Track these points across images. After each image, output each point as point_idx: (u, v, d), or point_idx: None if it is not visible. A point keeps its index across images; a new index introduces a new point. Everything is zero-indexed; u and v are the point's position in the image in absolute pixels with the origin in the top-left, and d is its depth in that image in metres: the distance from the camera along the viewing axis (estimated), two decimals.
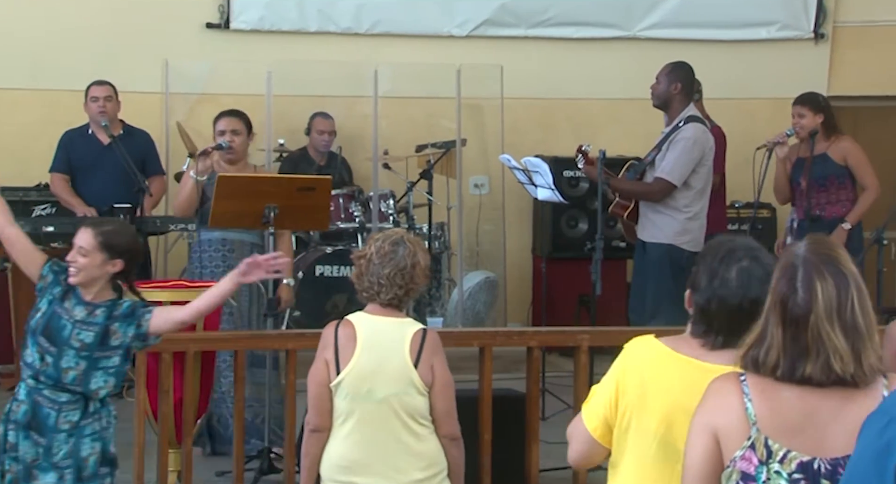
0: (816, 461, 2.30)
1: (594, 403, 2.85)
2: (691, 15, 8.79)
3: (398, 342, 3.72)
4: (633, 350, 2.84)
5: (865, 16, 9.01)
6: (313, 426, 3.74)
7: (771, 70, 8.91)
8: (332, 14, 8.55)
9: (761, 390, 2.34)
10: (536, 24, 8.72)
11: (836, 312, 2.33)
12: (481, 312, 8.00)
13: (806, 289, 2.34)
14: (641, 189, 6.45)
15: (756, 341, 2.38)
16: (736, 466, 2.31)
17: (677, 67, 6.49)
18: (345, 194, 7.69)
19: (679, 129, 6.36)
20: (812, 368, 2.31)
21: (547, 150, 8.12)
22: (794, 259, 2.39)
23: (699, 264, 2.86)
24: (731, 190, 7.79)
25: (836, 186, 6.87)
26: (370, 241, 3.83)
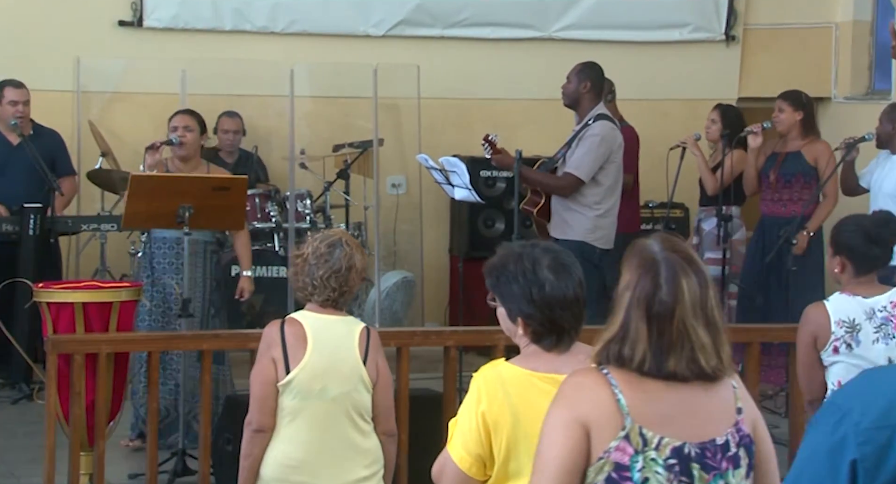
0: (687, 446, 2.35)
1: (461, 440, 2.79)
2: (606, 16, 8.88)
3: (347, 339, 3.73)
4: (491, 379, 2.80)
5: (775, 19, 9.18)
6: (257, 426, 3.70)
7: (683, 71, 9.04)
8: (248, 13, 8.49)
9: (628, 382, 2.36)
10: (453, 24, 8.74)
11: (699, 307, 2.38)
12: (398, 312, 8.00)
13: (671, 285, 2.37)
14: (550, 182, 6.53)
15: (616, 337, 2.39)
16: (610, 458, 2.32)
17: (587, 67, 6.58)
18: (261, 194, 7.64)
19: (588, 126, 6.45)
20: (677, 362, 2.35)
21: (464, 149, 8.14)
22: (653, 256, 2.41)
23: (505, 287, 2.86)
24: (644, 190, 7.88)
25: (802, 185, 6.96)
26: (308, 240, 3.82)
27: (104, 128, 7.85)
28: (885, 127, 6.37)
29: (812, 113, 7.05)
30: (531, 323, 2.84)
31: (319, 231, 3.95)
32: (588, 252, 6.36)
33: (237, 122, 8.13)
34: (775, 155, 7.00)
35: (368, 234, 8.14)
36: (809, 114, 7.01)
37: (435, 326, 8.15)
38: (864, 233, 4.04)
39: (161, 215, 5.54)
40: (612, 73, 7.47)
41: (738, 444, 2.40)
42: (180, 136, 5.98)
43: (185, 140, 5.98)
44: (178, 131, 6.00)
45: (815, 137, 7.00)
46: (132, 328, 5.28)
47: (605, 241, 6.46)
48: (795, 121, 6.93)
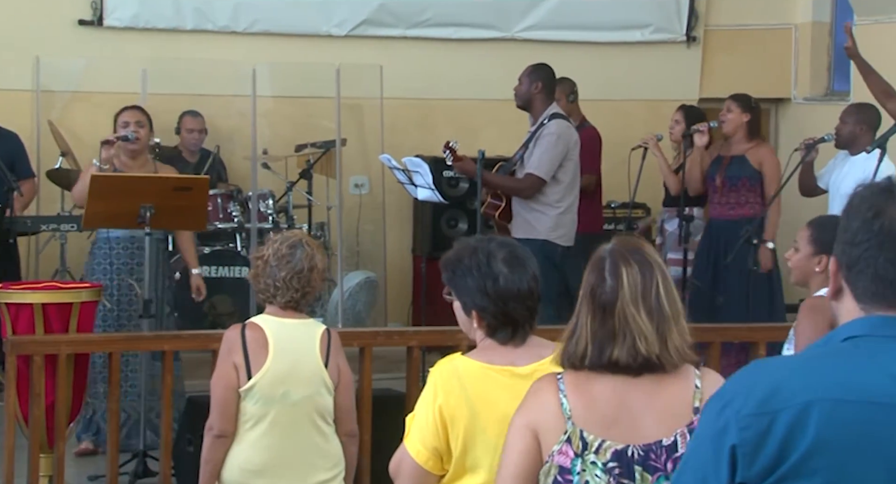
0: (630, 448, 2.38)
1: (418, 434, 2.81)
2: (568, 17, 8.90)
3: (308, 343, 3.72)
4: (447, 373, 2.82)
5: (735, 20, 9.25)
6: (218, 431, 3.68)
7: (645, 72, 9.08)
8: (209, 12, 8.44)
9: (575, 386, 2.41)
10: (415, 24, 8.74)
11: (640, 295, 2.41)
12: (361, 312, 7.99)
13: (613, 276, 2.43)
14: (512, 184, 6.56)
15: (569, 335, 2.45)
16: (554, 461, 2.37)
17: (538, 68, 6.62)
18: (223, 194, 7.60)
19: (544, 126, 6.48)
20: (619, 351, 2.39)
21: (427, 150, 8.14)
22: (602, 253, 2.49)
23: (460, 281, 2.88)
24: (607, 191, 7.92)
25: (747, 188, 7.00)
26: (268, 241, 3.80)
27: (64, 127, 7.79)
28: (849, 127, 6.42)
29: (758, 117, 7.12)
30: (485, 316, 2.86)
31: (280, 232, 3.93)
32: (550, 251, 6.40)
33: (200, 121, 8.09)
34: (721, 158, 7.06)
35: (331, 235, 8.12)
36: (756, 117, 7.08)
37: (398, 326, 8.15)
38: None
39: (122, 215, 5.51)
40: (574, 74, 7.51)
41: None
42: (134, 132, 5.92)
43: (139, 135, 5.93)
44: (132, 127, 5.94)
45: (760, 141, 7.06)
46: (92, 329, 5.24)
47: (567, 238, 6.52)
48: (742, 122, 7.00)
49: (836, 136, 6.46)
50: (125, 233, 5.86)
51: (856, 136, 6.39)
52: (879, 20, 8.02)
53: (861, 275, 1.84)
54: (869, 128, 6.40)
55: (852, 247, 1.85)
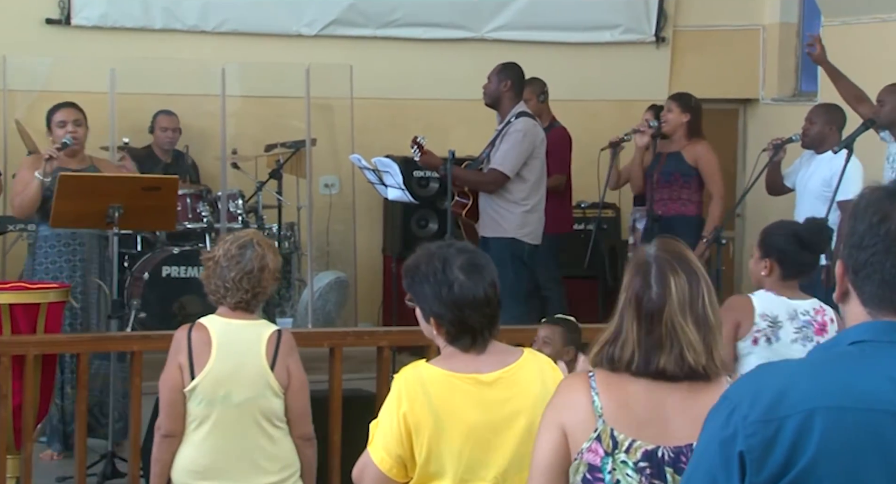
0: (661, 449, 2.37)
1: (382, 442, 2.80)
2: (537, 18, 8.92)
3: (254, 345, 3.68)
4: (412, 381, 2.81)
5: (704, 20, 9.29)
6: (165, 431, 3.68)
7: (615, 73, 9.11)
8: (178, 12, 8.41)
9: (607, 385, 2.40)
10: (385, 24, 8.74)
11: (688, 305, 2.40)
12: (332, 313, 7.98)
13: (660, 284, 2.41)
14: (477, 178, 6.59)
15: (611, 339, 2.43)
16: (583, 459, 2.36)
17: (507, 67, 6.65)
18: (192, 194, 7.57)
19: (510, 124, 6.51)
20: (666, 360, 2.38)
21: (397, 150, 8.13)
22: (646, 258, 2.46)
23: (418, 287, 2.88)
24: (576, 190, 7.94)
25: (680, 185, 7.05)
26: (219, 242, 3.78)
27: (31, 127, 7.72)
28: (817, 127, 6.47)
29: (699, 116, 7.15)
30: (443, 323, 2.86)
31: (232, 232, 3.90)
32: (518, 249, 6.43)
33: (175, 120, 8.07)
34: (659, 155, 7.13)
35: (301, 235, 8.11)
36: (696, 117, 7.12)
37: (368, 326, 8.14)
38: (798, 239, 4.06)
39: (90, 215, 5.48)
40: (543, 74, 7.52)
41: None
42: (72, 132, 5.72)
43: (77, 136, 5.75)
44: (69, 126, 5.73)
45: (698, 139, 7.11)
46: (60, 330, 5.21)
47: (534, 236, 6.55)
48: (681, 122, 7.05)
49: (804, 136, 6.50)
50: (65, 230, 5.72)
51: (824, 136, 6.44)
52: (847, 21, 8.08)
53: (868, 279, 1.84)
54: (836, 128, 6.45)
55: (859, 251, 1.84)
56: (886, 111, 6.08)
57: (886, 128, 6.13)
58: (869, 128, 6.06)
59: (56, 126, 5.81)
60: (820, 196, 6.21)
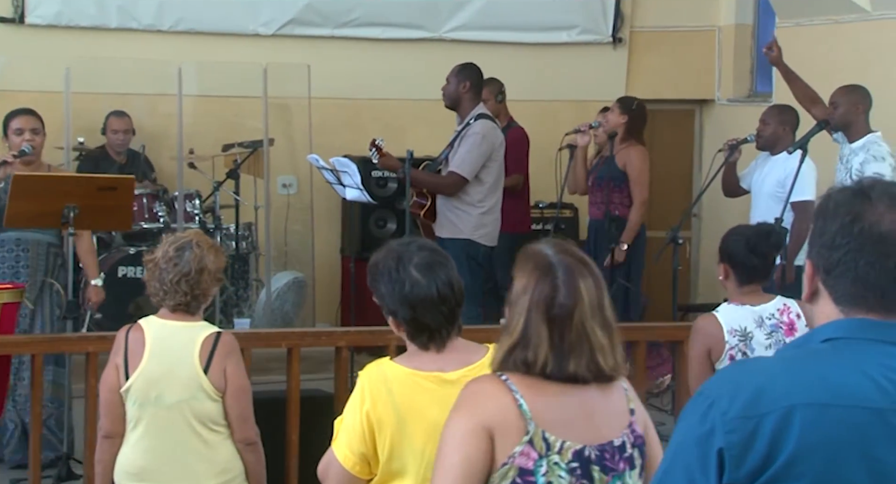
0: (587, 449, 2.38)
1: (346, 439, 2.80)
2: (495, 17, 8.94)
3: (187, 347, 3.65)
4: (375, 379, 2.81)
5: (660, 21, 9.35)
6: (105, 432, 3.67)
7: (572, 73, 9.15)
8: (133, 11, 8.35)
9: (528, 387, 2.38)
10: (343, 24, 8.72)
11: (597, 308, 2.41)
12: (289, 313, 7.95)
13: (568, 288, 2.39)
14: (435, 181, 6.60)
15: (519, 344, 2.40)
16: (514, 463, 2.34)
17: (466, 68, 6.65)
18: (149, 194, 7.53)
19: (469, 125, 6.52)
20: (577, 364, 2.38)
21: (355, 150, 8.12)
22: (548, 260, 2.43)
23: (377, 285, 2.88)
24: (534, 190, 7.96)
25: (611, 188, 7.10)
26: (160, 244, 3.75)
27: None
28: (771, 128, 6.52)
29: (639, 120, 7.20)
30: (399, 321, 2.86)
31: (173, 233, 3.86)
32: (474, 250, 6.45)
33: (126, 122, 8.01)
34: (600, 159, 7.20)
35: (259, 235, 8.08)
36: (635, 120, 7.16)
37: (326, 326, 8.13)
38: (745, 242, 4.08)
39: (45, 215, 5.43)
40: (501, 75, 7.54)
41: (633, 444, 2.44)
42: (30, 142, 5.63)
43: (35, 144, 5.66)
44: (26, 134, 5.64)
45: (633, 143, 7.16)
46: (14, 330, 5.16)
47: (490, 238, 6.57)
48: (619, 124, 7.11)
49: (758, 136, 6.55)
50: (9, 235, 5.63)
51: (778, 136, 6.49)
52: (800, 23, 8.16)
53: (841, 278, 1.87)
54: (790, 129, 6.51)
55: (831, 251, 1.87)
56: (840, 113, 6.13)
57: (840, 129, 6.19)
58: (822, 129, 6.12)
59: (13, 133, 5.71)
60: (775, 197, 6.26)
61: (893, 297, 1.87)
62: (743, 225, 4.46)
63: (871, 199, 1.87)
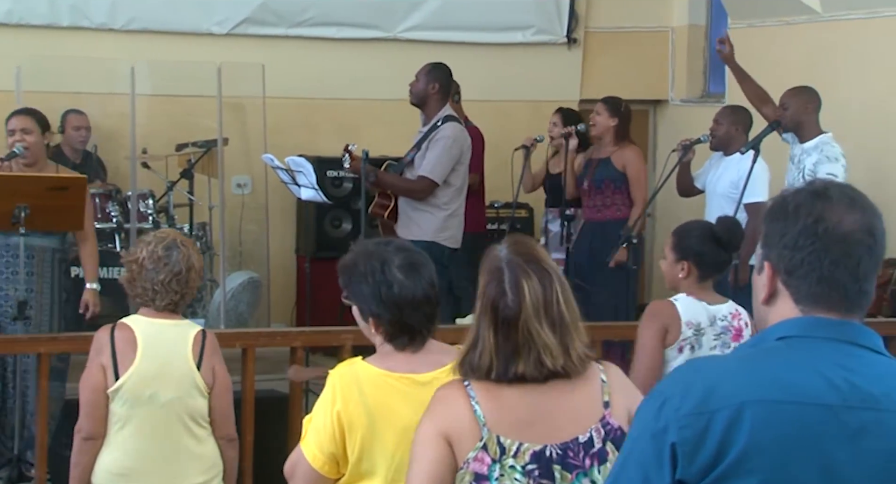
0: (548, 448, 2.39)
1: (315, 439, 2.79)
2: (450, 18, 8.95)
3: (180, 345, 3.66)
4: (347, 379, 2.80)
5: (614, 22, 9.40)
6: (87, 434, 3.62)
7: (527, 73, 9.18)
8: (85, 9, 8.28)
9: (486, 391, 2.40)
10: (297, 23, 8.70)
11: (542, 308, 2.41)
12: (244, 313, 7.92)
13: (514, 290, 2.41)
14: (406, 185, 6.57)
15: (470, 347, 2.43)
16: (469, 468, 2.36)
17: (436, 68, 6.63)
18: (101, 194, 7.47)
19: (438, 128, 6.50)
20: (524, 366, 2.39)
21: (310, 149, 8.10)
22: (498, 262, 2.45)
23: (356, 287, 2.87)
24: (489, 190, 7.98)
25: (612, 190, 7.10)
26: (141, 244, 3.72)
27: None
28: (724, 128, 6.57)
29: (627, 121, 7.22)
30: (381, 323, 2.85)
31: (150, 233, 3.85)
32: (437, 252, 6.42)
33: (85, 119, 7.94)
34: (590, 161, 7.20)
35: (213, 235, 8.04)
36: (624, 121, 7.19)
37: (281, 326, 8.10)
38: (715, 238, 4.07)
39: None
40: (456, 75, 7.54)
41: (604, 439, 2.43)
42: (21, 143, 5.55)
43: (28, 144, 5.58)
44: (17, 135, 5.56)
45: (627, 144, 7.18)
46: None
47: (454, 240, 6.56)
48: (609, 127, 7.12)
49: (711, 137, 6.60)
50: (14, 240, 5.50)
51: (730, 137, 6.54)
52: (752, 24, 8.23)
53: (805, 279, 1.89)
54: (743, 129, 6.56)
55: (794, 251, 1.89)
56: (790, 114, 6.19)
57: (791, 130, 6.25)
58: (774, 130, 6.18)
59: (8, 134, 5.62)
60: (728, 197, 6.31)
61: (854, 295, 1.90)
62: (696, 221, 4.45)
63: (831, 200, 1.90)
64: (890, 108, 7.30)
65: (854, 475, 1.81)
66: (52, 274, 5.68)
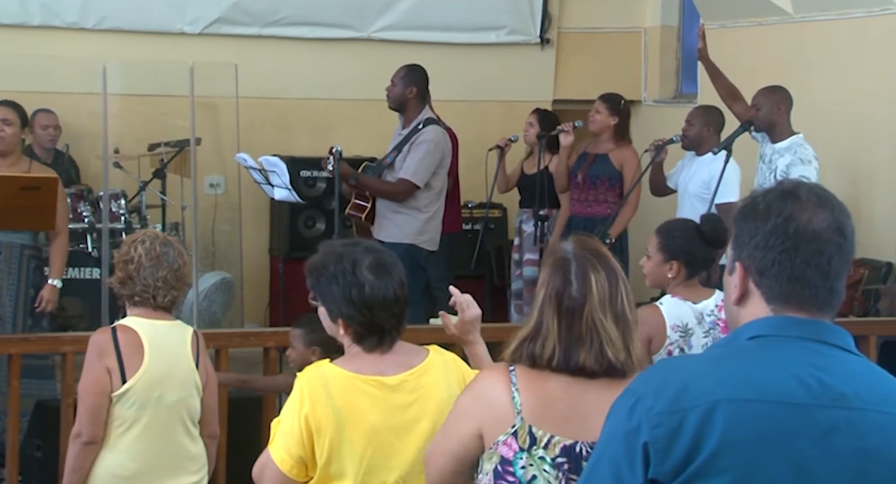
0: (579, 444, 2.42)
1: (283, 442, 2.78)
2: (424, 18, 8.95)
3: (181, 346, 3.67)
4: (314, 382, 2.79)
5: (587, 23, 9.42)
6: (89, 438, 3.57)
7: (500, 74, 9.19)
8: (56, 8, 8.23)
9: (528, 380, 2.44)
10: (270, 23, 8.68)
11: (608, 302, 2.45)
12: (217, 314, 7.89)
13: (580, 281, 2.45)
14: (387, 188, 6.57)
15: (531, 335, 2.46)
16: (497, 450, 2.42)
17: (412, 71, 6.62)
18: (73, 194, 7.42)
19: (419, 131, 6.49)
20: (586, 356, 2.43)
21: (284, 149, 8.08)
22: (565, 255, 2.50)
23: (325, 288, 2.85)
24: (463, 191, 7.98)
25: (606, 187, 7.11)
26: (131, 243, 3.68)
27: None
28: (696, 129, 6.59)
29: (627, 119, 7.25)
30: (351, 324, 2.84)
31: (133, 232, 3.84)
32: (416, 254, 6.43)
33: (54, 118, 7.90)
34: (585, 155, 7.19)
35: (186, 235, 8.00)
36: (624, 120, 7.21)
37: (255, 327, 8.08)
38: (701, 236, 4.08)
39: None
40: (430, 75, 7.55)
41: None
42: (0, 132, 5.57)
43: (4, 134, 5.59)
44: None
45: (626, 143, 7.20)
46: None
47: (432, 243, 6.56)
48: (609, 125, 7.12)
49: (683, 137, 6.63)
50: None
51: (702, 137, 6.57)
52: (724, 24, 8.27)
53: (776, 278, 1.90)
54: (715, 129, 6.59)
55: (765, 251, 1.90)
56: (762, 114, 6.21)
57: (763, 130, 6.28)
58: (747, 130, 6.21)
59: None
60: (700, 197, 6.33)
61: (825, 295, 1.91)
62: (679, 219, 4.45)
63: (800, 200, 1.91)
64: (861, 108, 7.35)
65: (825, 473, 1.82)
66: (20, 270, 5.65)
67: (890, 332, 5.85)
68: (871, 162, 7.28)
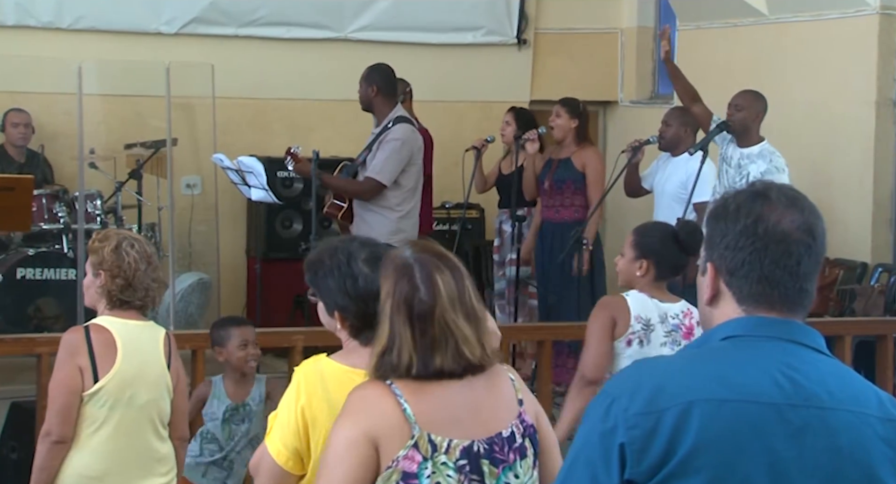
0: (475, 443, 2.42)
1: (280, 434, 2.79)
2: (401, 18, 8.95)
3: (153, 346, 3.66)
4: (311, 375, 2.81)
5: (564, 23, 9.44)
6: (58, 437, 3.55)
7: (477, 74, 9.20)
8: (31, 8, 8.19)
9: (411, 390, 2.41)
10: (247, 23, 8.66)
11: (458, 300, 2.45)
12: (194, 315, 7.87)
13: (427, 284, 2.44)
14: (352, 187, 6.56)
15: (386, 348, 2.44)
16: (397, 467, 2.37)
17: (372, 71, 6.62)
18: (48, 194, 7.39)
19: (388, 130, 6.49)
20: (443, 358, 2.41)
21: (261, 150, 8.07)
22: (406, 261, 2.48)
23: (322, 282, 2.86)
24: (440, 191, 7.99)
25: (572, 191, 7.12)
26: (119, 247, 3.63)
27: None
28: (672, 129, 6.61)
29: (586, 121, 7.27)
30: (348, 316, 2.85)
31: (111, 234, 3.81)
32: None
33: (25, 117, 7.87)
34: (551, 161, 7.23)
35: (163, 236, 7.98)
36: (584, 122, 7.23)
37: None
38: (676, 241, 4.09)
39: None
40: (407, 75, 7.56)
41: (523, 434, 2.47)
42: None
43: None
44: None
45: (587, 144, 7.22)
46: None
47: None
48: (570, 128, 7.15)
49: (660, 138, 6.65)
50: None
51: (679, 138, 6.60)
52: (700, 26, 8.31)
53: (746, 278, 1.91)
54: (692, 130, 6.62)
55: (735, 252, 1.91)
56: (741, 117, 6.20)
57: (738, 133, 6.26)
58: (722, 130, 6.23)
59: None
60: (676, 198, 6.36)
61: (794, 295, 1.92)
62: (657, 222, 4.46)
63: (770, 200, 1.92)
64: (834, 109, 7.40)
65: (799, 472, 1.83)
66: None
67: (865, 331, 5.89)
68: (845, 162, 7.33)
